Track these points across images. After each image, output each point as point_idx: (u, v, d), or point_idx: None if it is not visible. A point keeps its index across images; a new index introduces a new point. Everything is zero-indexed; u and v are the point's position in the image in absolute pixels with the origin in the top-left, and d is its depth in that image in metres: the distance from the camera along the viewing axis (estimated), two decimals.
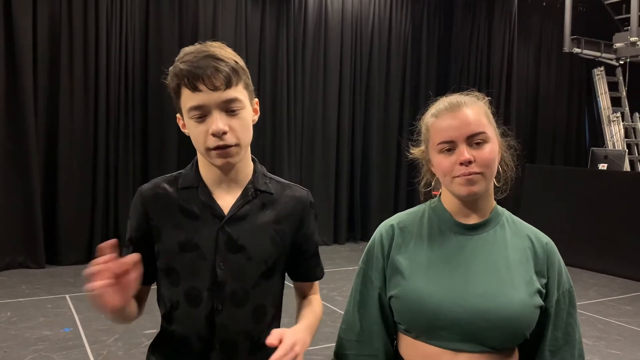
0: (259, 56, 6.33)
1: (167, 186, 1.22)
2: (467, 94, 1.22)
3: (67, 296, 4.36)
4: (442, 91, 1.31)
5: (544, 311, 1.19)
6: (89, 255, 5.37)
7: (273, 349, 1.05)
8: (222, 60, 1.10)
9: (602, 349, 3.72)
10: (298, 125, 6.65)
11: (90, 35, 5.30)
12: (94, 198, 5.39)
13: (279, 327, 1.24)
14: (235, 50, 1.19)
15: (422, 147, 1.27)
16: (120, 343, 3.47)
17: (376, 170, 7.19)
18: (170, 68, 1.13)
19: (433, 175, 1.27)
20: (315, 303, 1.32)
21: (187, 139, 1.19)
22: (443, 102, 1.21)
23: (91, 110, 5.35)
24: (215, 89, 1.09)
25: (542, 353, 1.21)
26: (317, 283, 1.35)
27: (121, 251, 1.15)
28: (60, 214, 5.29)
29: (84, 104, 5.33)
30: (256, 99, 1.22)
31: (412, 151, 1.31)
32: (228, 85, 1.10)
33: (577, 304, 1.25)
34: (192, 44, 1.16)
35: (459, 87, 1.34)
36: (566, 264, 1.25)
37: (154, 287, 1.29)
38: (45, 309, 4.06)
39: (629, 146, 7.88)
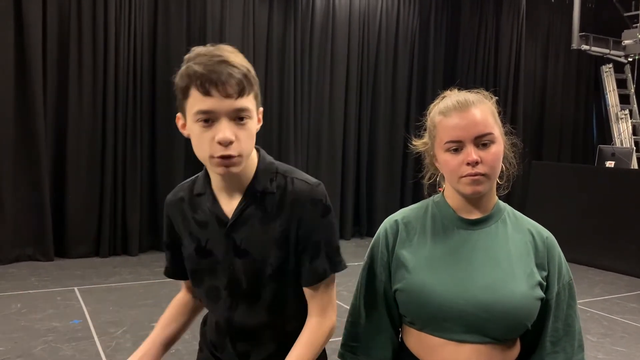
0: (266, 52, 6.33)
1: (183, 194, 1.27)
2: (476, 92, 1.22)
3: (75, 288, 4.41)
4: (450, 87, 1.30)
5: (544, 303, 1.22)
6: (97, 248, 5.44)
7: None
8: (236, 67, 1.07)
9: (607, 346, 3.73)
10: (305, 120, 6.66)
11: (98, 32, 5.33)
12: (102, 192, 5.44)
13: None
14: (242, 47, 1.18)
15: (426, 140, 1.28)
16: (128, 335, 3.51)
17: (382, 166, 7.20)
18: (182, 67, 1.10)
19: (437, 169, 1.28)
20: (306, 334, 1.18)
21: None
22: (451, 100, 1.20)
23: (99, 106, 5.39)
24: (227, 96, 1.06)
25: (543, 343, 1.24)
26: (320, 297, 1.21)
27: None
28: (69, 208, 5.34)
29: (92, 100, 5.37)
30: (261, 108, 1.19)
31: (414, 143, 1.32)
32: (240, 94, 1.07)
33: (583, 300, 1.28)
34: (200, 40, 1.16)
35: (466, 84, 1.35)
36: (572, 261, 1.27)
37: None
38: (55, 301, 4.11)
39: (636, 144, 7.82)
